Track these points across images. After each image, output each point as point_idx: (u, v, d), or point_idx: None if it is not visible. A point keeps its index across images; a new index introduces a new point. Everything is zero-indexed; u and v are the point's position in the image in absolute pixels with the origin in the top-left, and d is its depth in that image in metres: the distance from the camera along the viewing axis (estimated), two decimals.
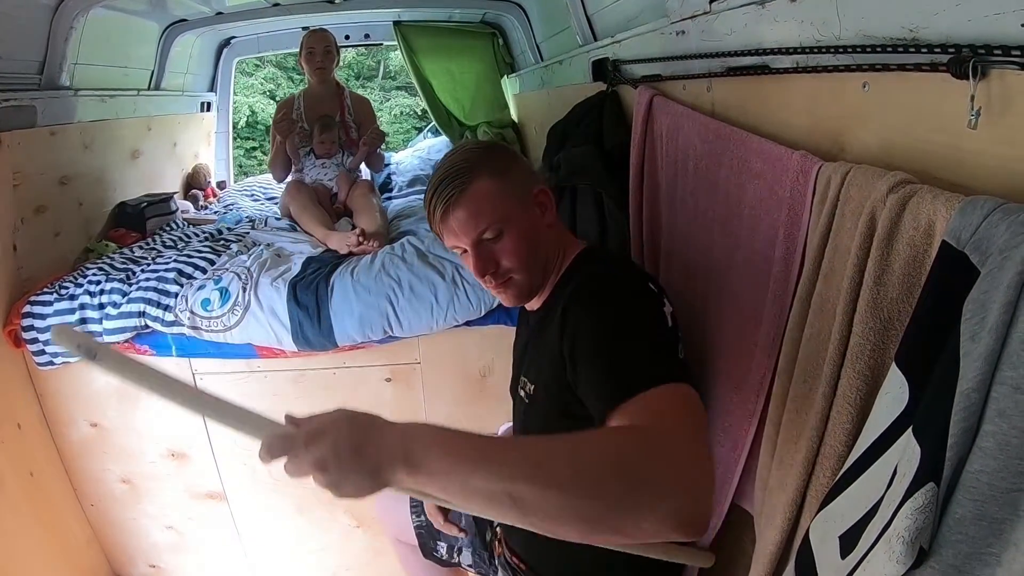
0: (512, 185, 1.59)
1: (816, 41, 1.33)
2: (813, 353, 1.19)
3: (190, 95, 5.39)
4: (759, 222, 1.46)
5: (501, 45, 5.60)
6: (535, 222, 1.62)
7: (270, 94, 16.68)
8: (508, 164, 1.61)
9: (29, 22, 3.02)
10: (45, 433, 2.92)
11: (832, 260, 1.16)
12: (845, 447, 1.06)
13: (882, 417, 0.94)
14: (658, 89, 2.21)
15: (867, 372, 1.04)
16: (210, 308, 2.70)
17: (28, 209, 3.03)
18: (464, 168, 1.56)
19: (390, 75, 18.21)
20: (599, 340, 1.37)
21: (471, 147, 1.65)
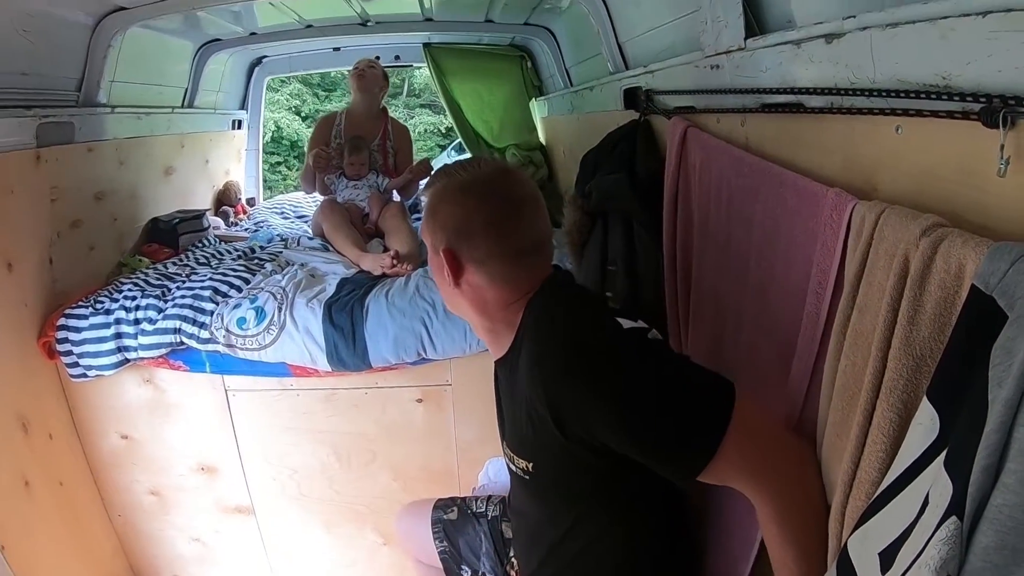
0: (430, 226, 1.61)
1: (851, 83, 1.34)
2: (849, 383, 1.19)
3: (222, 113, 5.44)
4: (793, 256, 1.47)
5: (529, 68, 5.61)
6: (439, 272, 1.63)
7: (295, 110, 16.79)
8: (435, 207, 1.61)
9: (69, 41, 3.07)
10: (76, 443, 2.96)
11: (867, 295, 1.17)
12: (879, 473, 1.07)
13: (914, 446, 0.95)
14: (691, 120, 2.22)
15: (900, 405, 1.04)
16: (246, 327, 2.74)
17: (64, 223, 3.07)
18: (434, 177, 1.67)
19: (414, 93, 18.28)
20: (638, 429, 1.36)
21: (447, 169, 1.66)
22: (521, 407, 1.54)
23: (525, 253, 1.60)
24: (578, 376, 1.38)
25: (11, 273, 2.66)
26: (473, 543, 2.20)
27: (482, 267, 1.57)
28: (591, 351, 1.41)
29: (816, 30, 1.44)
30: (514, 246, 1.58)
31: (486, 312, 1.63)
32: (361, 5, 4.35)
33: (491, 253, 1.56)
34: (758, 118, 1.82)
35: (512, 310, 1.60)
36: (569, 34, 4.47)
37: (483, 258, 1.56)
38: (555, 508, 1.66)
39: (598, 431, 1.38)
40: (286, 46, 5.54)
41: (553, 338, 1.47)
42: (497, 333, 1.66)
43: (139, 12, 3.21)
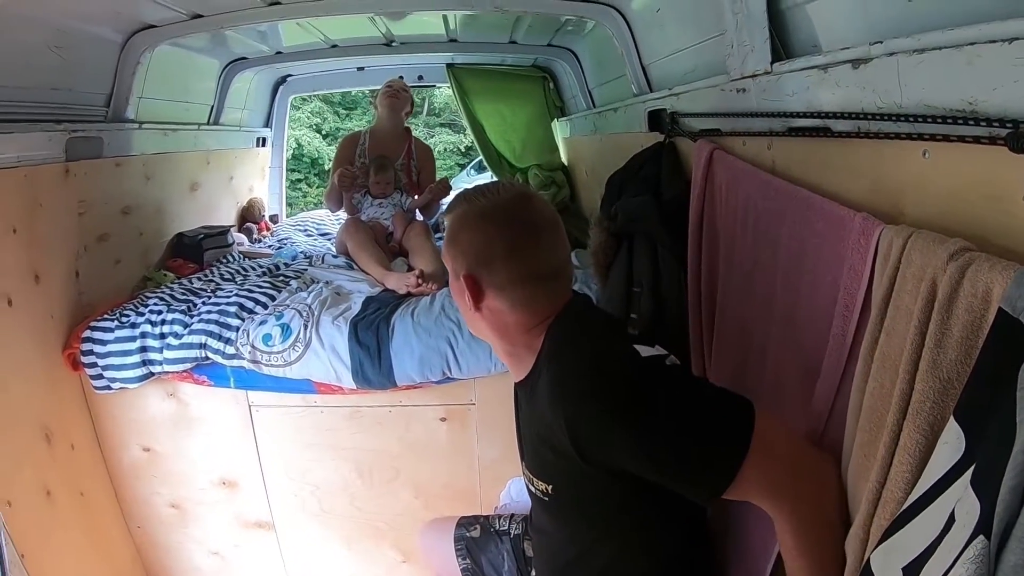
0: (450, 252, 1.63)
1: (878, 108, 1.34)
2: (876, 405, 1.19)
3: (247, 130, 5.49)
4: (819, 279, 1.47)
5: (552, 89, 5.62)
6: (460, 296, 1.64)
7: (316, 128, 16.92)
8: (456, 232, 1.62)
9: (98, 57, 3.11)
10: (98, 455, 2.97)
11: (894, 319, 1.17)
12: (904, 492, 1.06)
13: (940, 464, 0.96)
14: (717, 143, 2.22)
15: (926, 427, 1.04)
16: (271, 343, 2.74)
17: (91, 237, 3.11)
18: (454, 202, 1.67)
19: (435, 112, 18.41)
20: (659, 456, 1.36)
21: (467, 193, 1.66)
22: (541, 431, 1.54)
23: (545, 278, 1.60)
24: (598, 405, 1.38)
25: (38, 285, 2.68)
26: (495, 561, 2.20)
27: (502, 293, 1.58)
28: (611, 380, 1.40)
29: (843, 55, 1.45)
30: (534, 271, 1.59)
31: (507, 336, 1.64)
32: (387, 25, 4.38)
33: (511, 279, 1.57)
34: (785, 141, 1.83)
35: (533, 334, 1.61)
36: (592, 56, 4.49)
37: (503, 284, 1.57)
38: (575, 527, 1.67)
39: (618, 458, 1.39)
40: (310, 65, 5.57)
41: (574, 365, 1.47)
42: (518, 356, 1.66)
43: (167, 30, 3.25)
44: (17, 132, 2.52)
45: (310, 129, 16.86)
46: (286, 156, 6.51)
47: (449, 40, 4.94)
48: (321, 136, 17.11)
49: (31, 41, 2.59)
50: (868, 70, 1.37)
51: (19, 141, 2.53)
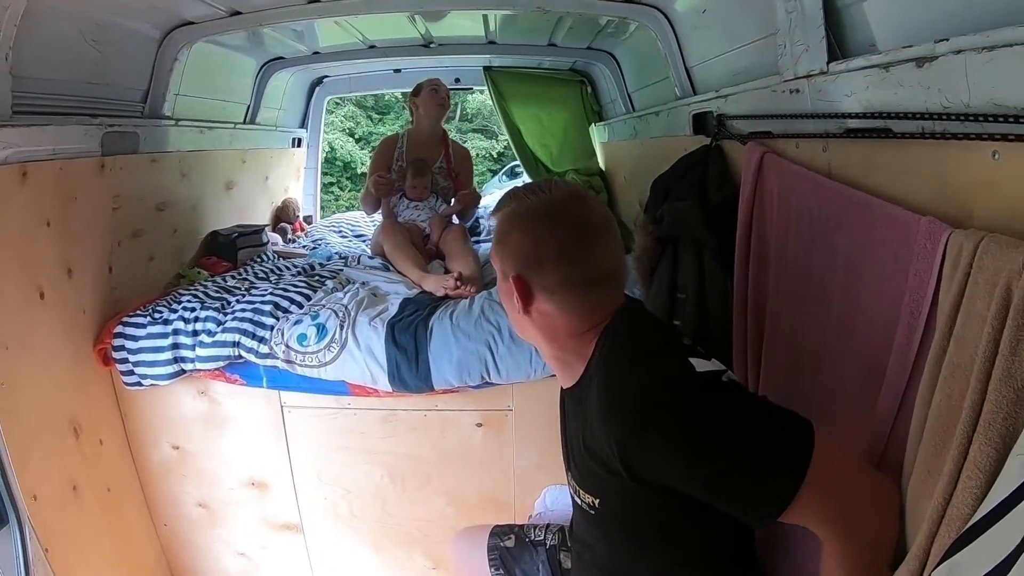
0: (499, 252, 1.60)
1: (944, 108, 1.31)
2: (943, 418, 1.16)
3: (283, 130, 5.51)
4: (881, 285, 1.43)
5: (590, 93, 5.61)
6: (508, 298, 1.60)
7: (349, 132, 17.07)
8: (507, 232, 1.59)
9: (136, 53, 3.12)
10: (126, 451, 2.96)
11: (964, 328, 1.13)
12: (971, 509, 1.04)
13: (1011, 479, 0.94)
14: (768, 146, 2.17)
15: (998, 440, 1.01)
16: (306, 343, 2.71)
17: (125, 233, 3.10)
18: (503, 200, 1.64)
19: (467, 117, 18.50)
20: (712, 480, 1.32)
21: (517, 192, 1.63)
22: (590, 444, 1.48)
23: (597, 282, 1.55)
24: (651, 426, 1.33)
25: (71, 279, 2.67)
26: (530, 572, 2.15)
27: (553, 296, 1.53)
28: (666, 399, 1.35)
29: (905, 53, 1.41)
30: (586, 275, 1.54)
31: (556, 341, 1.60)
32: (426, 26, 4.37)
33: (562, 282, 1.52)
34: (841, 144, 1.78)
35: (583, 340, 1.57)
36: (632, 59, 4.46)
37: (554, 287, 1.52)
38: (620, 541, 1.62)
39: (669, 478, 1.35)
40: (347, 66, 5.60)
41: (626, 381, 1.42)
42: (566, 362, 1.62)
43: (205, 27, 3.26)
44: (53, 125, 2.51)
45: (343, 133, 17.00)
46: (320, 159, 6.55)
47: (488, 42, 4.93)
48: (354, 140, 17.26)
49: (69, 34, 2.58)
50: (933, 69, 1.33)
51: (54, 134, 2.51)
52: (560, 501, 2.63)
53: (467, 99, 17.62)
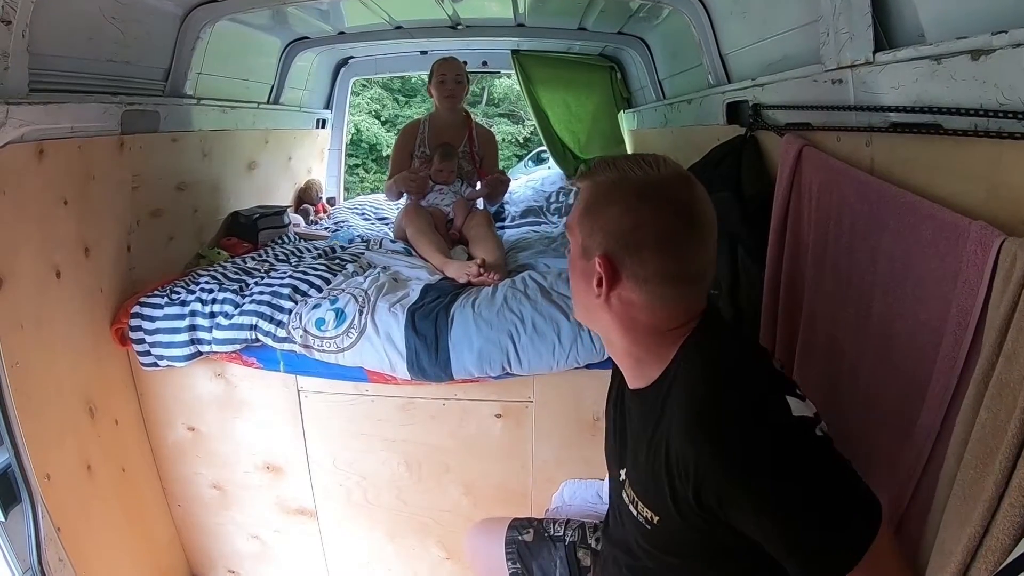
0: (587, 226, 1.42)
1: (1000, 104, 1.26)
2: (987, 438, 1.11)
3: (307, 111, 5.51)
4: (926, 293, 1.37)
5: (619, 79, 5.58)
6: (585, 277, 1.45)
7: (375, 114, 17.10)
8: (601, 205, 1.40)
9: (157, 30, 3.10)
10: (141, 432, 2.96)
11: (1016, 342, 1.07)
12: (1012, 540, 0.99)
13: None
14: (807, 139, 2.11)
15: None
16: (324, 328, 2.68)
17: (144, 211, 3.09)
18: (596, 165, 1.45)
19: (493, 102, 18.47)
20: (774, 530, 1.23)
21: (615, 161, 1.44)
22: (659, 459, 1.37)
23: (692, 280, 1.42)
24: (733, 467, 1.22)
25: (88, 258, 2.65)
26: (547, 567, 2.11)
27: (643, 286, 1.38)
28: (758, 437, 1.22)
29: (959, 45, 1.35)
30: (684, 270, 1.39)
31: (632, 334, 1.45)
32: (453, 7, 4.33)
33: (658, 273, 1.37)
34: (886, 138, 1.73)
35: (664, 340, 1.43)
36: (664, 45, 4.43)
37: (648, 276, 1.37)
38: (667, 559, 1.52)
39: (734, 517, 1.25)
40: (373, 47, 5.60)
41: (715, 412, 1.28)
42: (640, 361, 1.48)
43: (228, 5, 3.25)
44: (71, 103, 2.48)
45: (369, 115, 17.04)
46: (346, 141, 6.53)
47: (516, 24, 4.88)
48: (380, 122, 17.28)
49: (88, 12, 2.57)
50: (990, 62, 1.27)
51: (73, 112, 2.49)
52: (578, 496, 2.60)
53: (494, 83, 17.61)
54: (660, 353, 1.42)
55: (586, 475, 2.67)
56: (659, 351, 1.42)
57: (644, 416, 1.47)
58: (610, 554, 1.79)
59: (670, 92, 4.43)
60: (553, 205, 5.32)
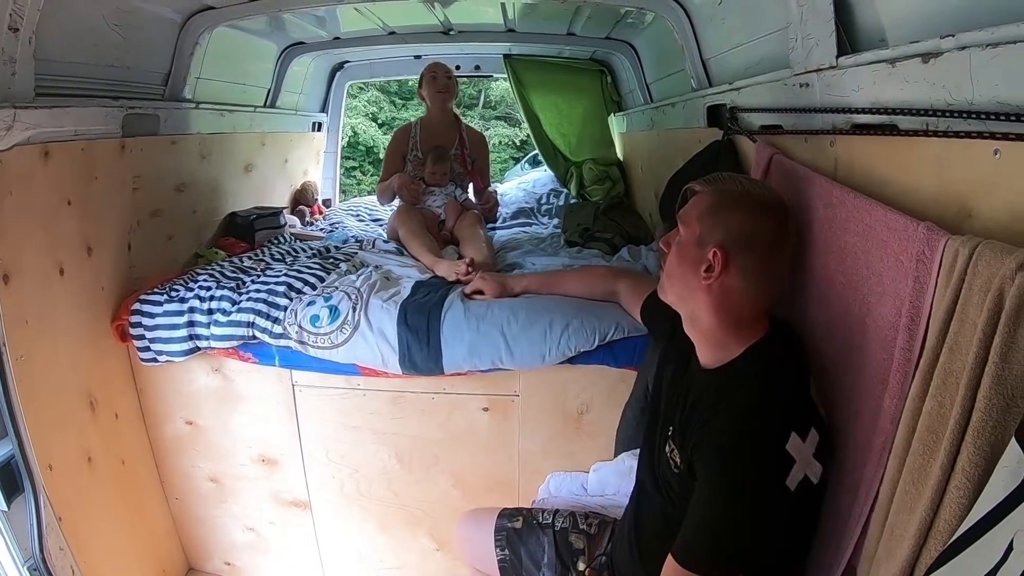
0: (709, 222, 1.67)
1: (947, 104, 1.31)
2: (934, 425, 1.15)
3: (303, 114, 5.56)
4: (886, 289, 1.42)
5: (609, 83, 5.61)
6: (694, 263, 1.68)
7: (372, 116, 17.06)
8: (727, 208, 1.67)
9: (157, 36, 3.17)
10: (140, 425, 3.02)
11: (958, 334, 1.13)
12: (959, 521, 1.03)
13: (997, 490, 0.93)
14: (777, 145, 2.18)
15: (987, 448, 1.01)
16: (319, 325, 2.73)
17: (145, 212, 3.15)
18: (719, 178, 1.77)
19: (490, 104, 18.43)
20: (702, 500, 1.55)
21: (741, 180, 1.77)
22: (694, 426, 1.64)
23: (778, 280, 1.74)
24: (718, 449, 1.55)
25: (90, 257, 2.72)
26: (535, 553, 2.19)
27: (747, 277, 1.64)
28: (756, 447, 1.51)
29: (912, 49, 1.41)
30: (777, 271, 1.71)
31: (722, 316, 1.68)
32: (444, 13, 4.38)
33: (759, 269, 1.65)
34: (849, 140, 1.80)
35: (742, 327, 1.69)
36: (651, 50, 4.46)
37: (753, 269, 1.65)
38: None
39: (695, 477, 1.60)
40: (368, 52, 5.65)
41: (738, 428, 1.54)
42: (718, 341, 1.71)
43: (226, 12, 3.31)
44: (75, 107, 2.55)
45: (366, 118, 17.00)
46: (342, 144, 6.58)
47: (507, 30, 4.93)
48: (377, 125, 17.24)
49: (91, 18, 2.64)
50: (938, 65, 1.33)
51: (76, 115, 2.55)
52: (564, 488, 2.65)
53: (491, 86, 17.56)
54: (738, 337, 1.69)
55: (571, 467, 2.72)
56: (737, 336, 1.69)
57: (702, 391, 1.70)
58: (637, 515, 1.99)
59: (657, 95, 4.46)
60: (544, 207, 5.40)
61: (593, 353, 2.65)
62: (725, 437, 1.53)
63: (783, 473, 1.47)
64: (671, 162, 2.92)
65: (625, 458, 2.51)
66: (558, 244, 4.10)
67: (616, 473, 2.52)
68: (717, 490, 1.52)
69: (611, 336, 2.61)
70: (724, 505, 1.51)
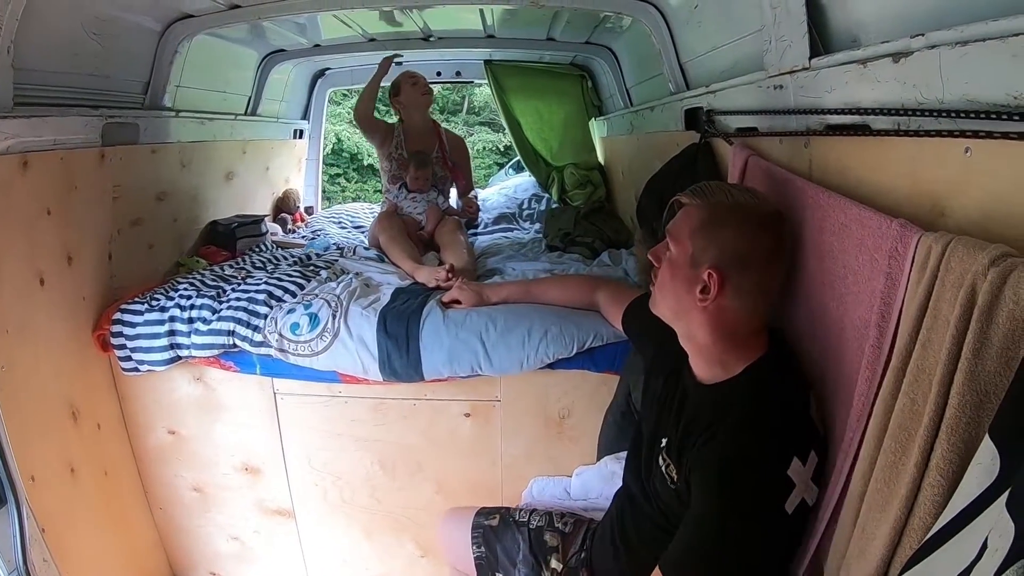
0: (701, 241, 1.61)
1: (918, 104, 1.31)
2: (907, 423, 1.15)
3: (284, 122, 5.56)
4: (861, 288, 1.43)
5: (590, 88, 5.62)
6: (688, 282, 1.62)
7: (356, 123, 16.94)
8: (719, 225, 1.60)
9: (137, 45, 3.17)
10: (123, 435, 3.00)
11: (930, 331, 1.13)
12: (933, 519, 1.02)
13: (971, 487, 0.92)
14: (753, 147, 2.19)
15: (961, 445, 1.00)
16: (299, 332, 2.74)
17: (125, 221, 3.14)
18: (708, 189, 1.67)
19: (474, 110, 18.35)
20: (696, 519, 1.54)
21: (732, 190, 1.69)
22: (695, 430, 1.63)
23: (776, 294, 1.69)
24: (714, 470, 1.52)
25: (71, 266, 2.71)
26: (510, 550, 2.21)
27: (742, 296, 1.60)
28: (739, 471, 1.50)
29: (882, 49, 1.42)
30: (774, 287, 1.66)
31: (718, 334, 1.64)
32: (423, 19, 4.39)
33: (757, 287, 1.61)
34: (823, 140, 1.80)
35: (740, 345, 1.64)
36: (630, 54, 4.47)
37: (749, 288, 1.60)
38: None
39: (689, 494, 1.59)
40: (349, 59, 5.65)
41: (737, 449, 1.52)
42: (713, 360, 1.67)
43: (205, 20, 3.31)
44: (54, 116, 2.55)
45: (350, 124, 16.90)
46: (325, 151, 6.58)
47: (487, 36, 4.94)
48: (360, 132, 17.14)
49: (71, 28, 2.63)
50: (909, 64, 1.34)
51: (56, 125, 2.56)
52: (546, 492, 2.65)
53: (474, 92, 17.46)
54: (736, 355, 1.64)
55: (553, 472, 2.72)
56: (736, 354, 1.64)
57: (698, 407, 1.68)
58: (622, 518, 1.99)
59: (637, 99, 4.47)
60: (525, 212, 5.42)
61: (573, 358, 2.67)
62: (724, 460, 1.51)
63: (783, 497, 1.46)
64: (651, 166, 2.92)
65: (608, 462, 2.52)
66: (539, 249, 4.13)
67: (599, 477, 2.53)
68: (710, 513, 1.51)
69: (590, 344, 2.63)
70: (715, 528, 1.50)
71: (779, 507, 1.45)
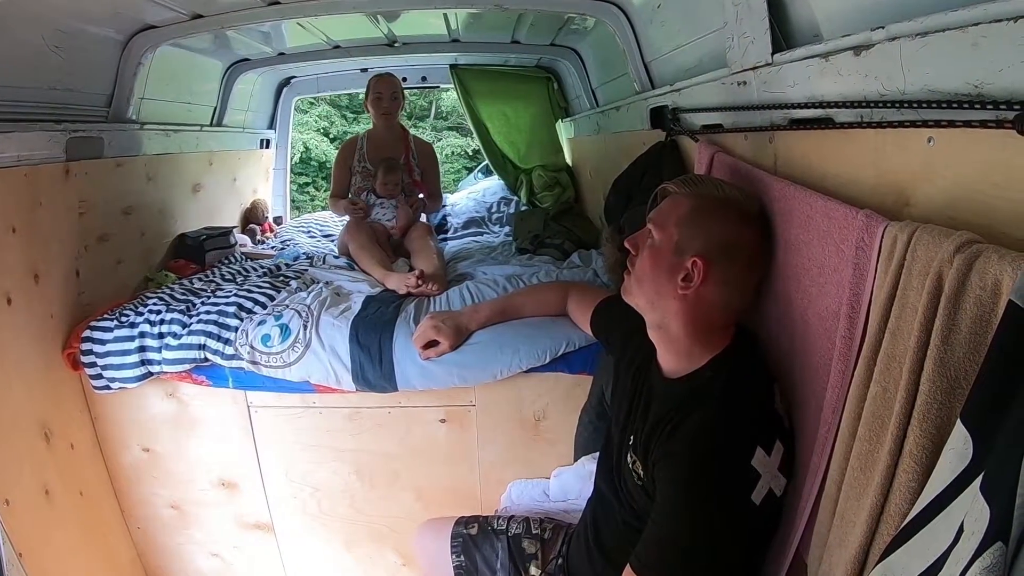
0: (689, 229, 1.62)
1: (880, 95, 1.32)
2: (879, 411, 1.15)
3: (250, 132, 5.53)
4: (828, 279, 1.43)
5: (556, 89, 5.65)
6: (670, 270, 1.63)
7: (324, 131, 16.93)
8: (708, 216, 1.63)
9: (100, 57, 3.13)
10: (97, 454, 2.96)
11: (899, 319, 1.13)
12: (909, 504, 1.02)
13: (945, 472, 0.92)
14: (718, 144, 2.20)
15: (933, 431, 1.01)
16: (270, 344, 2.72)
17: (92, 237, 3.11)
18: (697, 180, 1.73)
19: (442, 115, 18.38)
20: (663, 514, 1.54)
21: (721, 184, 1.71)
22: (658, 437, 1.62)
23: (753, 290, 1.72)
24: (681, 462, 1.53)
25: (38, 284, 2.67)
26: (490, 558, 2.22)
27: (725, 288, 1.62)
28: (705, 463, 1.50)
29: (844, 42, 1.43)
30: (752, 286, 1.69)
31: (692, 325, 1.65)
32: (388, 26, 4.38)
33: (739, 280, 1.65)
34: (787, 135, 1.81)
35: (711, 337, 1.66)
36: (595, 55, 4.50)
37: (732, 281, 1.63)
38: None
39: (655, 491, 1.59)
40: (314, 67, 5.63)
41: (705, 441, 1.52)
42: (684, 350, 1.69)
43: (168, 31, 3.28)
44: (17, 132, 2.53)
45: (318, 133, 16.87)
46: (294, 160, 6.55)
47: (452, 40, 4.96)
48: (329, 140, 17.11)
49: (31, 41, 2.60)
50: (870, 57, 1.34)
51: (18, 141, 2.53)
52: (525, 495, 2.66)
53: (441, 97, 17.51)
54: (703, 349, 1.66)
55: (531, 474, 2.75)
56: (703, 346, 1.66)
57: (664, 401, 1.69)
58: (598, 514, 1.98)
59: (603, 100, 4.50)
60: (495, 215, 5.42)
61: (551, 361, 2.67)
62: (688, 453, 1.51)
63: (748, 489, 1.47)
64: (618, 165, 2.93)
65: (585, 462, 2.53)
66: (509, 252, 4.14)
67: (577, 477, 2.54)
68: (678, 506, 1.51)
69: (563, 351, 2.64)
70: (684, 521, 1.50)
71: (745, 498, 1.46)
